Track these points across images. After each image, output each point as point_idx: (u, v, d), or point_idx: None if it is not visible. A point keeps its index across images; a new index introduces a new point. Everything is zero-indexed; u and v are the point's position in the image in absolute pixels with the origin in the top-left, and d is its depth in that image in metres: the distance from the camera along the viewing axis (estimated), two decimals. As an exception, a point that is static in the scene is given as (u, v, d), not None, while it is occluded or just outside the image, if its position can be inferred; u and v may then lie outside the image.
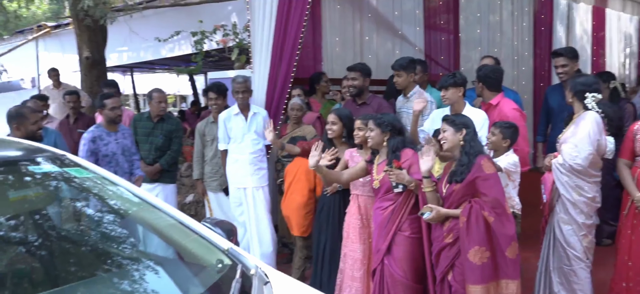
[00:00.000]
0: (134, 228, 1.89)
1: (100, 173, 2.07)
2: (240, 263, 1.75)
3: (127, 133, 4.38)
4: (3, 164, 1.82)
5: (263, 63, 4.76)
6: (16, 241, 1.66)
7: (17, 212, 1.75)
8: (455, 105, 3.58)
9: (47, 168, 1.87)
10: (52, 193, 1.87)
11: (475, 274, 2.67)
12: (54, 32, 10.71)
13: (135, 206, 1.92)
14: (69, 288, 1.52)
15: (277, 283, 1.73)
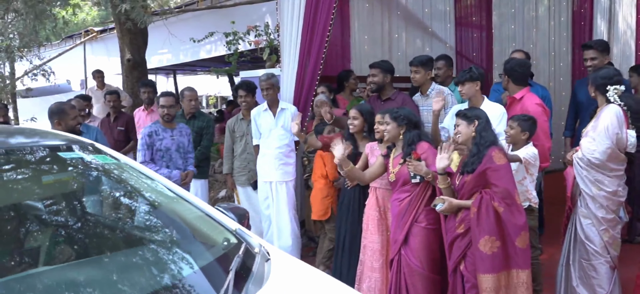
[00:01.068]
0: (151, 208, 2.05)
1: (124, 160, 2.25)
2: (246, 242, 1.88)
3: (185, 131, 4.54)
4: (38, 149, 2.03)
5: (291, 62, 4.91)
6: (45, 218, 1.85)
7: (48, 192, 1.95)
8: (473, 99, 3.60)
9: (75, 155, 2.06)
10: (79, 176, 2.07)
11: (486, 263, 2.70)
12: (100, 37, 11.28)
13: (152, 190, 2.09)
14: (94, 260, 1.72)
15: (278, 260, 1.85)
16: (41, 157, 2.06)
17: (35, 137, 2.20)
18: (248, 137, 4.80)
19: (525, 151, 3.38)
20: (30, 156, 2.03)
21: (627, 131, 3.35)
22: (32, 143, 2.12)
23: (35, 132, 2.37)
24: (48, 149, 2.09)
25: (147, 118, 5.43)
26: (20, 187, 1.91)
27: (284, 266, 1.84)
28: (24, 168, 1.97)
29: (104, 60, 10.66)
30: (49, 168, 2.06)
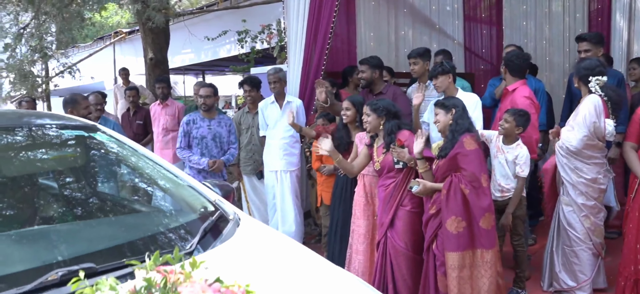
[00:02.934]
0: (140, 180, 2.34)
1: (124, 141, 2.53)
2: (222, 209, 2.11)
3: (224, 123, 4.73)
4: (49, 127, 2.34)
5: (297, 58, 5.15)
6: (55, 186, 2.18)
7: (59, 164, 2.28)
8: (447, 91, 3.76)
9: (78, 132, 2.39)
10: (81, 150, 2.41)
11: (452, 242, 2.86)
12: (129, 38, 11.78)
13: (145, 165, 2.37)
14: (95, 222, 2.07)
15: (248, 225, 2.08)
16: (53, 135, 2.37)
17: (52, 119, 2.52)
18: (253, 129, 5.05)
19: (518, 151, 3.50)
20: (45, 132, 2.35)
21: (606, 120, 3.43)
22: (47, 122, 2.43)
23: (54, 115, 2.71)
24: (59, 128, 2.39)
25: (161, 111, 5.75)
26: (34, 158, 2.26)
27: (252, 230, 2.06)
28: (39, 144, 2.31)
29: (131, 59, 11.12)
30: (57, 144, 2.36)
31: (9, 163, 2.15)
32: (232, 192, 2.54)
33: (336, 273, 1.92)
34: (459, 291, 2.87)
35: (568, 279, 3.58)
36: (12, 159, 2.17)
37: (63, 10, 7.11)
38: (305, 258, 1.97)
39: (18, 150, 2.23)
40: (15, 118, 2.43)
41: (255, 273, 1.50)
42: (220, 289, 1.16)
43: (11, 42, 7.69)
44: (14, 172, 2.15)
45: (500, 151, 3.54)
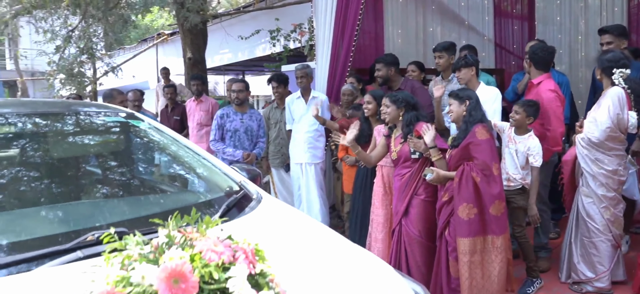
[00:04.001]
0: (172, 162, 2.58)
1: (158, 126, 2.77)
2: (246, 189, 2.29)
3: (255, 117, 4.96)
4: (93, 114, 2.63)
5: (325, 56, 5.32)
6: (92, 165, 2.46)
7: (99, 144, 2.60)
8: (469, 84, 3.82)
9: (120, 118, 2.67)
10: (120, 135, 2.67)
11: (463, 228, 2.95)
12: (171, 39, 12.26)
13: (177, 148, 2.60)
14: (131, 196, 2.32)
15: (269, 203, 2.26)
16: (96, 120, 2.64)
17: (96, 107, 2.81)
18: (281, 124, 5.25)
19: (530, 142, 3.55)
20: (89, 118, 2.64)
21: (629, 112, 3.43)
22: (92, 110, 2.71)
23: (97, 104, 3.02)
24: (101, 115, 2.67)
25: (196, 107, 6.04)
26: (79, 140, 2.55)
27: (272, 207, 2.23)
28: (83, 128, 2.59)
29: (173, 60, 11.58)
30: (99, 128, 2.64)
31: (57, 144, 2.43)
32: (259, 176, 2.73)
33: (351, 247, 2.02)
34: (469, 275, 2.95)
35: (586, 270, 3.58)
36: (59, 140, 2.46)
37: (107, 14, 7.53)
38: (321, 231, 2.10)
39: (65, 132, 2.51)
40: (64, 106, 2.71)
41: (269, 239, 1.61)
42: (230, 245, 1.32)
43: (61, 44, 8.20)
44: (61, 152, 2.43)
45: (511, 141, 3.59)
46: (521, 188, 3.55)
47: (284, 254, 1.66)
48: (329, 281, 1.66)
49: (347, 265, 1.85)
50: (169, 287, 1.14)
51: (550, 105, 3.80)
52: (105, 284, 1.15)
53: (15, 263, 1.38)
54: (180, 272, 1.16)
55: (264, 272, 1.31)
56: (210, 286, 1.19)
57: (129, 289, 1.15)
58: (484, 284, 2.95)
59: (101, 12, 7.41)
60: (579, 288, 3.61)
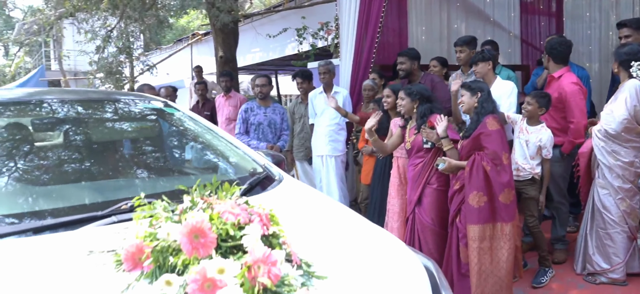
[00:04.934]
0: (202, 146, 2.77)
1: (188, 114, 2.98)
2: (268, 171, 2.46)
3: (278, 110, 5.16)
4: (128, 101, 2.89)
5: (348, 53, 5.47)
6: (128, 147, 2.70)
7: (134, 128, 2.84)
8: (486, 78, 3.90)
9: (154, 105, 2.91)
10: (153, 120, 2.91)
11: (473, 215, 3.04)
12: (204, 39, 12.62)
13: (206, 133, 2.79)
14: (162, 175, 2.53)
15: (290, 183, 2.42)
16: (132, 107, 2.89)
17: (134, 96, 3.05)
18: (305, 119, 5.43)
19: (542, 133, 3.61)
20: (126, 105, 2.89)
21: None
22: (129, 98, 2.97)
23: (134, 93, 3.31)
24: (137, 102, 2.91)
25: (225, 103, 6.28)
26: (116, 124, 2.81)
27: (293, 186, 2.38)
28: (121, 114, 2.85)
29: (207, 59, 11.93)
30: (135, 115, 2.88)
31: (98, 127, 2.69)
32: (283, 161, 2.90)
33: (364, 222, 2.12)
34: (478, 260, 3.04)
35: (602, 261, 3.60)
36: (101, 124, 2.72)
37: (143, 15, 7.88)
38: (337, 207, 2.23)
39: (104, 117, 2.77)
40: (103, 95, 2.96)
41: (286, 210, 1.72)
42: (247, 209, 1.47)
43: (100, 44, 8.62)
44: (102, 135, 2.69)
45: (522, 132, 3.65)
46: (531, 179, 3.60)
47: (298, 223, 1.77)
48: (341, 249, 1.76)
49: (359, 237, 1.95)
50: (190, 241, 1.30)
51: (574, 98, 3.84)
52: (135, 238, 1.34)
53: (67, 224, 1.64)
54: (200, 229, 1.32)
55: (276, 234, 1.46)
56: (227, 243, 1.34)
57: (156, 243, 1.33)
58: (492, 270, 3.04)
59: (137, 13, 7.76)
60: (593, 279, 3.64)
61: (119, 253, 1.35)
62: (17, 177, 2.09)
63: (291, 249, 1.44)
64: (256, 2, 15.51)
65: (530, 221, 3.67)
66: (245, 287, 1.23)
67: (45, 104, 2.61)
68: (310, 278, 1.41)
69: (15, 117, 2.48)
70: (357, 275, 1.62)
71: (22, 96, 2.73)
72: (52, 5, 10.31)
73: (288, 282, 1.31)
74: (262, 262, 1.28)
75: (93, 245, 1.46)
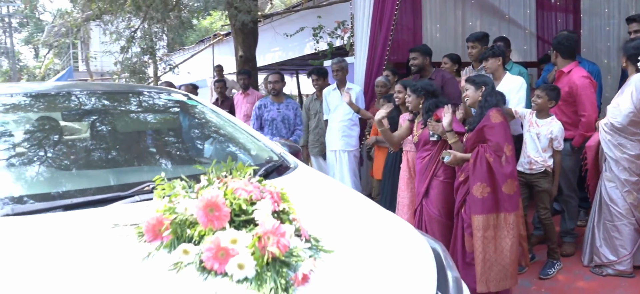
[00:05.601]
0: (221, 135, 2.91)
1: (208, 105, 3.15)
2: (284, 159, 2.59)
3: (291, 106, 5.32)
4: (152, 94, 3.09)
5: (362, 51, 5.60)
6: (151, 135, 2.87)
7: (157, 118, 3.01)
8: (495, 73, 3.96)
9: (177, 98, 3.09)
10: (175, 111, 3.08)
11: (477, 205, 3.12)
12: (226, 39, 12.87)
13: (225, 124, 2.94)
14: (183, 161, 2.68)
15: (305, 169, 2.53)
16: (155, 99, 3.09)
17: (157, 90, 3.24)
18: (320, 115, 5.56)
19: (552, 125, 3.67)
20: (150, 97, 3.09)
21: None
22: (153, 91, 3.16)
23: (157, 87, 3.50)
24: (160, 95, 3.11)
25: (243, 100, 6.46)
26: (141, 115, 2.99)
27: (307, 173, 2.50)
28: (145, 105, 3.04)
29: (227, 58, 12.17)
30: (158, 106, 3.07)
31: (124, 117, 2.87)
32: (299, 151, 3.03)
33: (375, 206, 2.20)
34: (483, 249, 3.12)
35: (609, 253, 3.64)
36: (125, 115, 2.90)
37: (165, 16, 8.13)
38: (349, 192, 2.33)
39: (130, 109, 2.95)
40: (128, 88, 3.13)
41: (298, 192, 1.82)
42: (259, 187, 1.59)
43: (125, 44, 8.91)
44: (127, 124, 2.86)
45: (533, 126, 3.71)
46: (544, 172, 3.66)
47: (309, 203, 1.86)
48: (350, 228, 1.85)
49: (368, 217, 2.04)
50: (206, 214, 1.44)
51: (585, 91, 3.88)
52: (156, 212, 1.49)
53: (95, 202, 1.81)
54: (215, 203, 1.45)
55: (286, 210, 1.57)
56: (240, 218, 1.47)
57: (174, 216, 1.47)
58: (496, 258, 3.11)
59: (160, 14, 8.01)
60: (600, 271, 3.68)
61: (141, 226, 1.49)
62: (51, 162, 2.28)
63: (300, 225, 1.54)
64: (277, 2, 15.70)
65: (543, 213, 3.73)
66: (255, 256, 1.34)
67: (75, 96, 2.81)
68: (318, 251, 1.51)
69: (48, 108, 2.67)
70: (364, 250, 1.69)
71: (53, 89, 2.93)
72: (80, 7, 10.68)
73: (296, 253, 1.41)
74: (271, 233, 1.39)
75: (118, 220, 1.61)
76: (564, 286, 3.58)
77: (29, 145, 2.35)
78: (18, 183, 2.03)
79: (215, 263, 1.34)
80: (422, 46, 4.78)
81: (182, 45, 14.44)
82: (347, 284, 1.47)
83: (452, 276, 1.84)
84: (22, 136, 2.38)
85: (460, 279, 1.90)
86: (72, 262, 1.41)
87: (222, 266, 1.34)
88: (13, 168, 2.13)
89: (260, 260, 1.34)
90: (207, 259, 1.35)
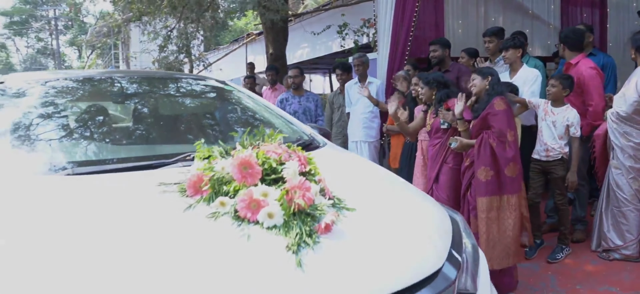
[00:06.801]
0: (255, 116, 3.11)
1: (243, 90, 3.42)
2: (313, 138, 2.78)
3: (312, 98, 5.60)
4: (193, 81, 3.42)
5: (385, 47, 5.81)
6: (192, 117, 3.16)
7: (198, 102, 3.32)
8: (513, 65, 4.14)
9: (214, 83, 3.39)
10: (214, 95, 3.38)
11: (481, 188, 3.31)
12: (258, 38, 13.27)
13: (258, 107, 3.17)
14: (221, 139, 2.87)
15: (333, 147, 2.76)
16: (195, 85, 3.43)
17: (197, 78, 3.57)
18: (343, 108, 5.81)
19: (568, 113, 3.81)
20: (190, 84, 3.42)
21: None
22: (193, 78, 3.50)
23: (198, 76, 3.83)
24: (200, 82, 3.46)
25: (271, 95, 6.78)
26: (181, 98, 3.27)
27: (335, 150, 2.72)
28: (186, 90, 3.35)
29: (260, 57, 12.58)
30: (198, 90, 3.39)
31: (168, 100, 3.17)
32: (330, 134, 3.27)
33: (398, 178, 2.35)
34: (486, 229, 3.30)
35: (616, 238, 3.76)
36: (170, 98, 3.20)
37: (200, 16, 8.55)
38: (374, 166, 2.51)
39: (174, 93, 3.26)
40: (175, 75, 3.46)
41: (325, 162, 1.93)
42: (288, 150, 1.80)
43: (162, 43, 9.39)
44: (173, 107, 3.15)
45: (549, 114, 3.85)
46: (560, 159, 3.81)
47: (334, 171, 1.95)
48: (371, 192, 1.98)
49: (389, 185, 2.21)
50: (240, 171, 1.64)
51: (592, 81, 4.01)
52: (196, 170, 1.70)
53: (148, 166, 2.04)
54: (248, 161, 1.66)
55: (312, 172, 1.77)
56: (270, 177, 1.66)
57: (212, 174, 1.67)
58: (499, 238, 3.29)
59: (194, 14, 8.43)
60: (607, 256, 3.80)
61: (183, 184, 1.69)
62: (111, 138, 2.61)
63: (324, 185, 1.72)
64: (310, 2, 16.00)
65: (559, 199, 3.88)
66: (283, 206, 1.51)
67: (125, 82, 3.15)
68: (341, 209, 1.65)
69: (101, 92, 2.99)
70: (383, 210, 1.82)
71: (106, 75, 3.27)
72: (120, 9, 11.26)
73: (320, 208, 1.57)
74: (298, 188, 1.56)
75: (164, 180, 1.80)
76: (571, 270, 3.72)
77: (89, 123, 2.66)
78: (79, 151, 2.34)
79: (248, 212, 1.51)
80: (442, 39, 5.00)
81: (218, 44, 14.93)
82: (367, 236, 1.59)
83: (470, 242, 1.94)
84: (83, 115, 2.69)
85: (478, 247, 2.00)
86: (127, 211, 1.61)
87: (254, 215, 1.51)
88: (77, 140, 2.44)
89: (288, 210, 1.51)
90: (241, 209, 1.52)
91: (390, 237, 1.64)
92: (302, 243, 1.43)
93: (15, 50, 42.30)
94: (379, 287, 1.41)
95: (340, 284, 1.37)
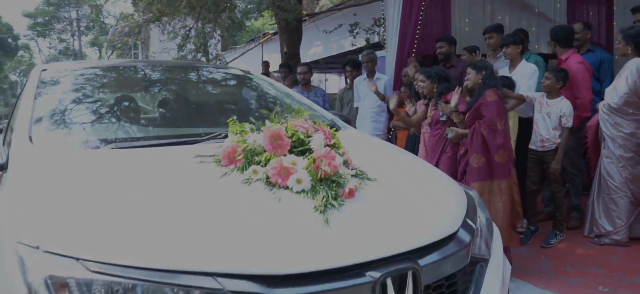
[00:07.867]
0: (277, 102, 3.23)
1: (267, 80, 3.67)
2: (335, 123, 2.94)
3: (320, 94, 5.85)
4: (220, 70, 3.73)
5: (393, 44, 6.04)
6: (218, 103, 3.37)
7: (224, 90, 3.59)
8: (514, 60, 4.37)
9: (238, 73, 3.67)
10: (239, 83, 3.63)
11: (474, 174, 3.54)
12: (273, 38, 13.57)
13: (281, 94, 3.35)
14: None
15: (353, 130, 2.99)
16: (222, 74, 3.74)
17: (224, 68, 3.85)
18: (352, 103, 6.06)
19: (562, 104, 4.01)
20: (217, 73, 3.74)
21: None
22: (219, 67, 3.81)
23: (223, 66, 4.15)
24: (225, 71, 3.76)
25: (284, 91, 7.06)
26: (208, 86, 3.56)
27: (355, 132, 2.96)
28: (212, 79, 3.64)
29: (275, 56, 12.87)
30: (225, 79, 3.68)
31: (200, 88, 3.43)
32: (351, 121, 3.49)
33: (416, 158, 2.56)
34: (479, 214, 3.54)
35: (607, 223, 3.95)
36: (202, 86, 3.47)
37: (217, 16, 8.87)
38: (392, 146, 2.74)
39: (204, 80, 3.55)
40: (204, 65, 3.75)
41: (347, 139, 2.11)
42: (313, 124, 1.98)
43: (180, 42, 9.75)
44: (204, 95, 3.41)
45: (544, 106, 4.06)
46: (555, 149, 4.01)
47: (356, 147, 2.09)
48: (391, 167, 2.15)
49: (408, 162, 2.41)
50: (271, 143, 1.80)
51: (580, 75, 4.20)
52: (230, 143, 1.86)
53: (188, 142, 2.23)
54: (278, 134, 1.81)
55: (336, 145, 1.92)
56: (298, 148, 1.84)
57: (245, 145, 1.82)
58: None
59: (212, 14, 8.76)
60: (598, 241, 3.99)
61: (218, 155, 1.85)
62: (153, 122, 2.88)
63: (348, 157, 1.89)
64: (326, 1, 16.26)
65: (555, 187, 4.09)
66: (311, 173, 1.68)
67: (168, 70, 3.44)
68: (363, 179, 1.82)
69: (138, 80, 3.25)
70: (402, 182, 1.98)
71: (142, 64, 3.56)
72: (141, 10, 11.67)
73: (344, 176, 1.74)
74: (324, 157, 1.73)
75: (200, 153, 1.96)
76: (563, 254, 3.92)
77: (131, 105, 2.90)
78: (123, 130, 2.56)
79: (278, 178, 1.68)
80: (449, 36, 5.24)
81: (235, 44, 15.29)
82: (387, 201, 1.75)
83: (484, 215, 2.08)
84: (124, 98, 2.92)
85: (492, 221, 2.14)
86: (168, 178, 1.78)
87: (284, 181, 1.67)
88: (123, 121, 2.66)
89: (315, 177, 1.67)
90: (272, 175, 1.68)
91: (408, 203, 1.81)
92: (329, 204, 1.59)
93: (38, 50, 43.43)
94: (397, 244, 1.55)
95: (363, 239, 1.52)
